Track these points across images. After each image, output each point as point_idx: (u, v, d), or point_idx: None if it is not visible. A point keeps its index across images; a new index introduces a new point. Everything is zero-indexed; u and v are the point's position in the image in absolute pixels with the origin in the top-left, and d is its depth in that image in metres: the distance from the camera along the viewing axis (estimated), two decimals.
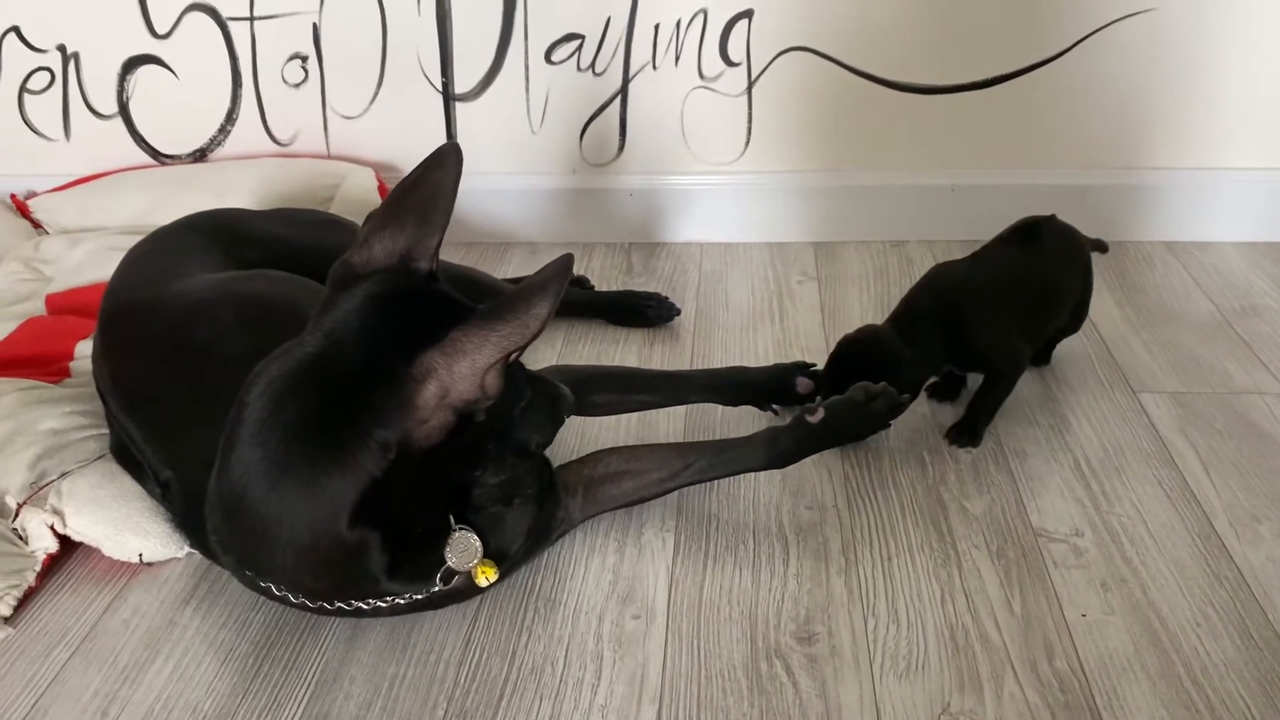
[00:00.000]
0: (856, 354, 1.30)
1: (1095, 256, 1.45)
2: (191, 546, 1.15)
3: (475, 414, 0.94)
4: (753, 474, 1.24)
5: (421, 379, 0.91)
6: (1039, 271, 1.35)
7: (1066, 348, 1.48)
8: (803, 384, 1.38)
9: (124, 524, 1.15)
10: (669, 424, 1.38)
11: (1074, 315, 1.43)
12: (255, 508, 0.95)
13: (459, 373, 0.91)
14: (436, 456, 0.94)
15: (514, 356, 0.93)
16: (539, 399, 1.03)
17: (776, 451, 1.21)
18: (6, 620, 1.09)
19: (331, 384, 0.93)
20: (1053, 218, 1.39)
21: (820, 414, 1.20)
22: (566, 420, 1.10)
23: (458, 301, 0.98)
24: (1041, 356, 1.46)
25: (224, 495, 0.97)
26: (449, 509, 1.01)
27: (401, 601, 1.03)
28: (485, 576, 1.04)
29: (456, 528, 1.01)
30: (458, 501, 1.02)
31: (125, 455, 1.20)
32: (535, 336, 0.91)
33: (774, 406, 1.39)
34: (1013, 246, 1.37)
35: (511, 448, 1.01)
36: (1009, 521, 1.19)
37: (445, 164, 1.00)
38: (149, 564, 1.16)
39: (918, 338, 1.29)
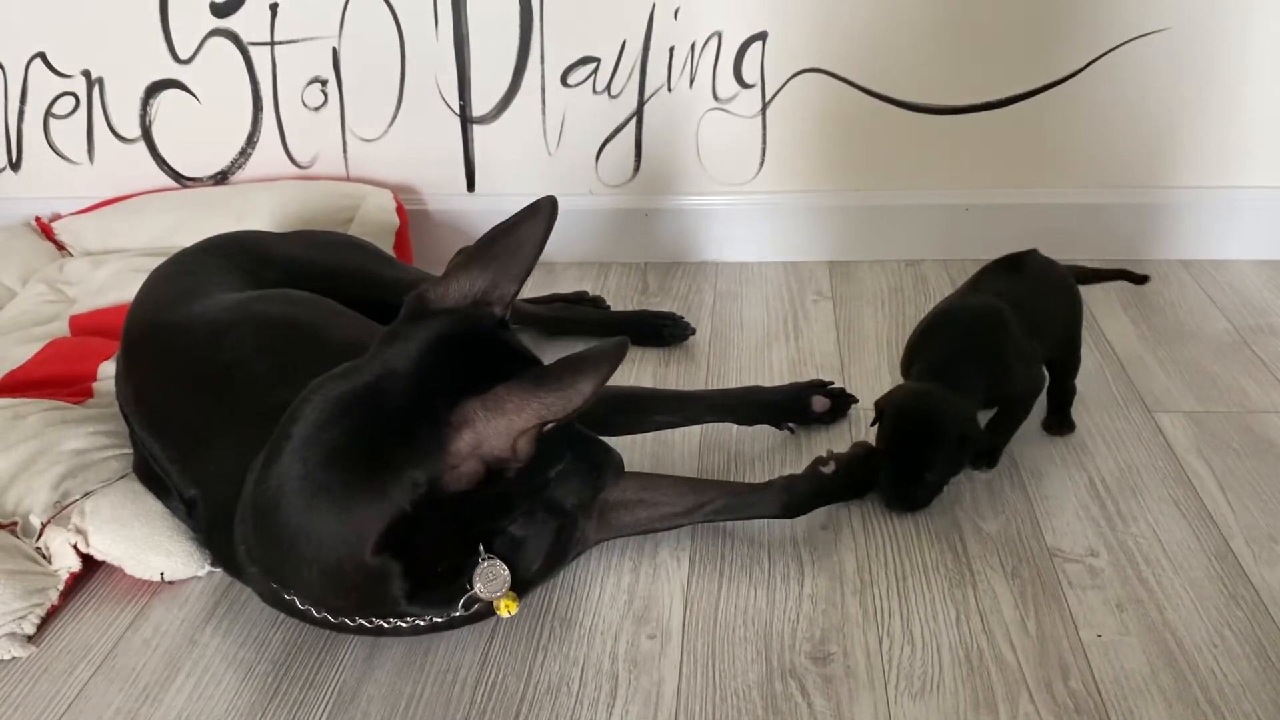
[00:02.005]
0: (921, 420, 1.20)
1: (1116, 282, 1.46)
2: (214, 564, 1.17)
3: (505, 471, 0.94)
4: None
5: (458, 426, 0.91)
6: (1030, 296, 1.33)
7: (1082, 367, 1.48)
8: (819, 403, 1.39)
9: (146, 543, 1.16)
10: (685, 443, 1.38)
11: (1066, 350, 1.38)
12: (287, 520, 0.96)
13: (494, 429, 0.91)
14: (465, 501, 0.94)
15: (549, 427, 0.92)
16: (581, 462, 1.03)
17: (791, 501, 1.21)
18: (30, 639, 1.10)
19: (376, 415, 0.94)
20: (1033, 251, 1.39)
21: (833, 466, 1.22)
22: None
23: (518, 353, 0.99)
24: (1057, 424, 1.37)
25: (259, 502, 0.98)
26: (476, 544, 1.02)
27: (421, 623, 1.04)
28: (507, 609, 1.04)
29: (486, 557, 1.02)
30: (485, 538, 1.02)
31: (148, 474, 1.22)
32: (576, 412, 0.90)
33: (790, 425, 1.38)
34: (1001, 275, 1.35)
35: (545, 505, 1.03)
36: (1024, 541, 1.19)
37: (539, 215, 1.01)
38: (170, 582, 1.17)
39: (962, 384, 1.23)
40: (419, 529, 0.94)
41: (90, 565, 1.18)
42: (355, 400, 0.95)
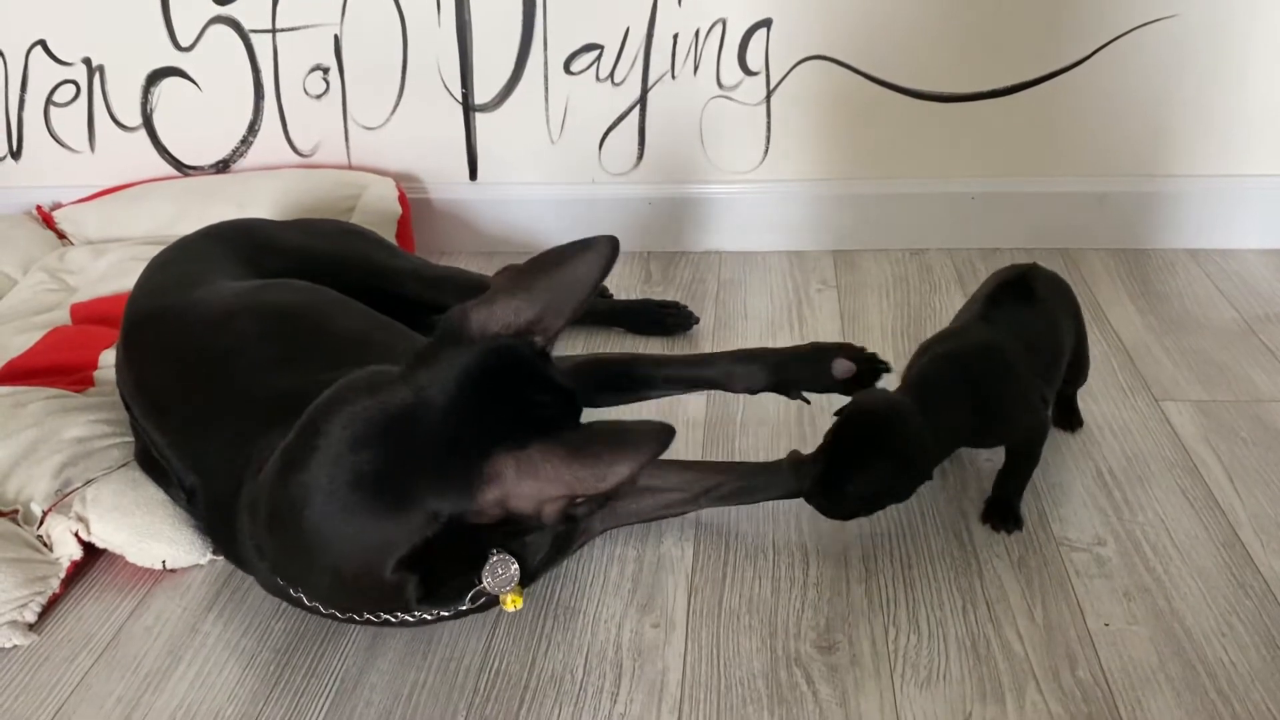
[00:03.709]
0: (870, 428, 1.12)
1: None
2: (215, 552, 1.16)
3: (528, 523, 0.92)
4: None
5: (488, 480, 0.89)
6: (1046, 329, 1.24)
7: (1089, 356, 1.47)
8: (841, 367, 1.23)
9: (147, 531, 1.16)
10: (688, 430, 1.37)
11: (1076, 365, 1.30)
12: (306, 530, 0.94)
13: (523, 490, 0.89)
14: (486, 529, 0.93)
15: (579, 502, 0.90)
16: None
17: (801, 484, 1.18)
18: (31, 627, 1.10)
19: (408, 446, 0.91)
20: (1036, 266, 1.28)
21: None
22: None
23: (557, 386, 0.95)
24: (1066, 419, 1.34)
25: (276, 505, 0.97)
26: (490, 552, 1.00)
27: (428, 617, 1.03)
28: (514, 604, 1.02)
29: (495, 553, 1.00)
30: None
31: (149, 462, 1.21)
32: (608, 494, 0.89)
33: (804, 395, 1.26)
34: (1013, 304, 1.23)
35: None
36: (1031, 530, 1.18)
37: (596, 252, 0.96)
38: (172, 570, 1.17)
39: (940, 419, 1.13)
40: (438, 549, 0.93)
41: (91, 553, 1.17)
42: (388, 425, 0.92)
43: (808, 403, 1.27)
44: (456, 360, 0.93)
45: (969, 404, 1.15)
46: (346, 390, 0.96)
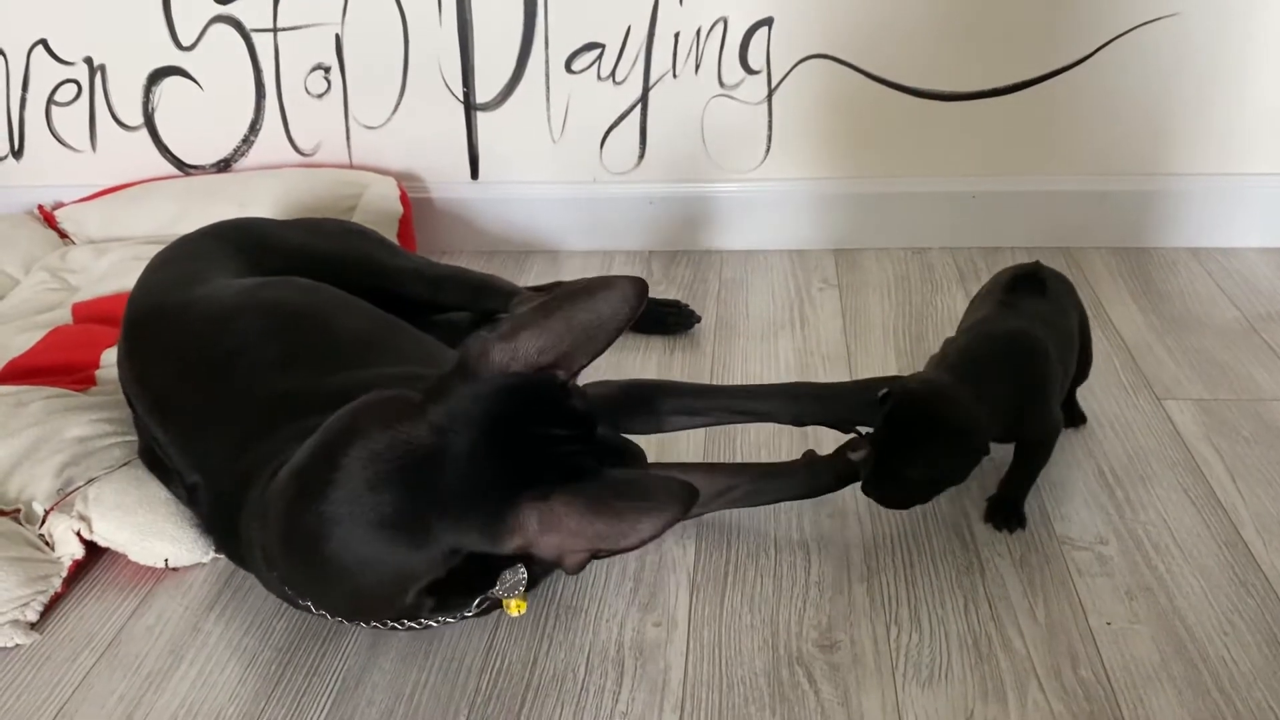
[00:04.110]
0: (922, 408, 1.11)
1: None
2: (218, 550, 1.16)
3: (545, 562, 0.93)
4: None
5: (513, 530, 0.89)
6: (1061, 320, 1.25)
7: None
8: None
9: (150, 529, 1.16)
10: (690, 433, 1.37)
11: (1082, 360, 1.31)
12: (325, 558, 0.94)
13: (547, 542, 0.89)
14: (506, 559, 0.93)
15: (601, 555, 0.90)
16: None
17: (816, 484, 1.18)
18: (33, 626, 1.10)
19: (431, 492, 0.90)
20: (1040, 264, 1.29)
21: (864, 452, 1.15)
22: None
23: (581, 419, 0.94)
24: (1069, 415, 1.32)
25: (292, 530, 0.96)
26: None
27: (433, 624, 1.04)
28: (518, 609, 1.01)
29: None
30: None
31: (153, 459, 1.21)
32: (627, 551, 0.89)
33: (858, 429, 1.20)
34: (1029, 297, 1.24)
35: None
36: (1032, 529, 1.18)
37: (622, 294, 0.92)
38: (175, 569, 1.17)
39: (986, 389, 1.12)
40: (456, 575, 0.94)
41: (93, 552, 1.17)
42: (409, 467, 0.90)
43: (860, 435, 1.19)
44: (479, 399, 0.91)
45: (1013, 384, 1.14)
46: (363, 418, 0.94)
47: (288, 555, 0.98)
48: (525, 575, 0.99)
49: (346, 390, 0.99)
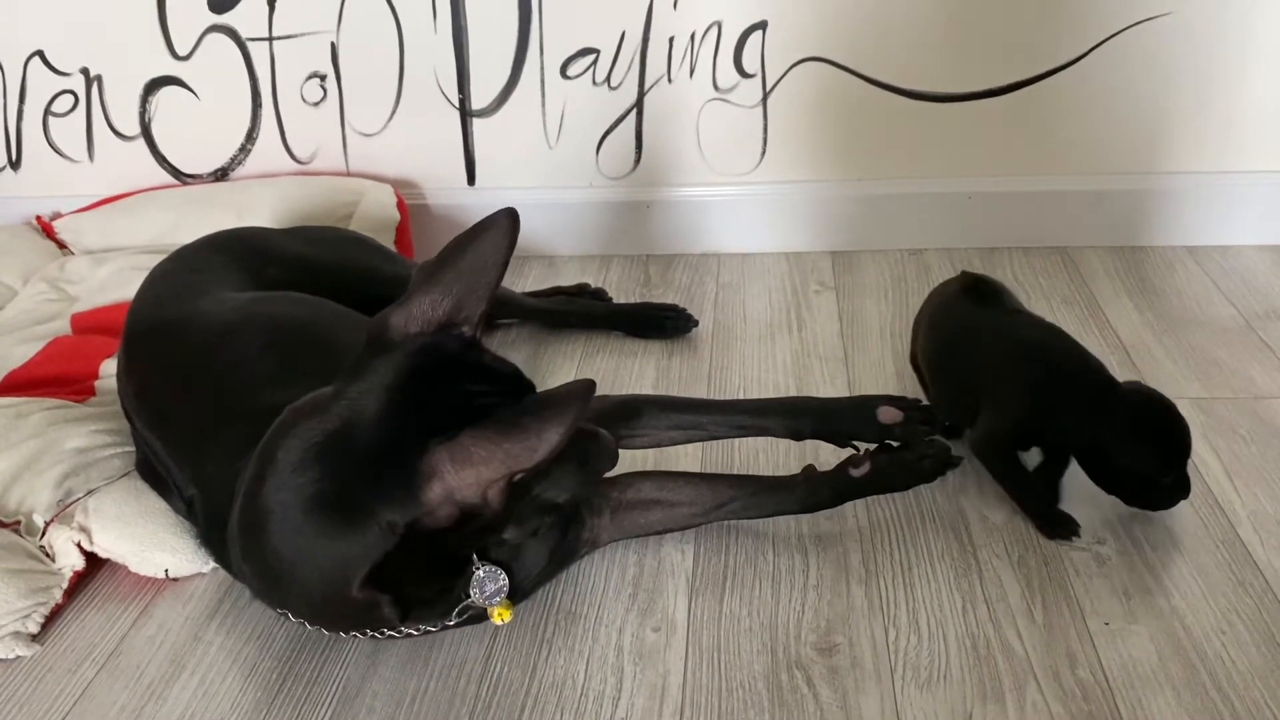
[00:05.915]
0: (1160, 408, 1.16)
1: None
2: (216, 561, 1.16)
3: (481, 514, 0.91)
4: None
5: (428, 476, 0.88)
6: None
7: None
8: (888, 414, 1.22)
9: (150, 540, 1.16)
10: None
11: None
12: (269, 556, 0.96)
13: (463, 479, 0.89)
14: (448, 534, 0.92)
15: (519, 477, 0.90)
16: (568, 460, 0.95)
17: (815, 500, 1.18)
18: (34, 638, 1.10)
19: (347, 460, 0.91)
20: (972, 273, 1.34)
21: (866, 468, 1.17)
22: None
23: (491, 371, 0.95)
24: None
25: (245, 528, 0.99)
26: (467, 562, 1.00)
27: (415, 633, 1.04)
28: (501, 617, 1.02)
29: (479, 565, 0.99)
30: (477, 551, 1.00)
31: (150, 472, 1.21)
32: (542, 463, 0.88)
33: (855, 444, 1.23)
34: (1000, 306, 1.28)
35: (540, 508, 0.99)
36: (1030, 530, 1.18)
37: (498, 229, 0.96)
38: (175, 579, 1.17)
39: (1058, 420, 1.18)
40: (403, 563, 0.93)
41: (94, 563, 1.18)
42: (326, 445, 0.92)
43: (857, 450, 1.22)
44: (383, 369, 0.93)
45: (1083, 404, 1.16)
46: (292, 414, 0.97)
47: (245, 559, 1.00)
48: (506, 582, 0.99)
49: None
